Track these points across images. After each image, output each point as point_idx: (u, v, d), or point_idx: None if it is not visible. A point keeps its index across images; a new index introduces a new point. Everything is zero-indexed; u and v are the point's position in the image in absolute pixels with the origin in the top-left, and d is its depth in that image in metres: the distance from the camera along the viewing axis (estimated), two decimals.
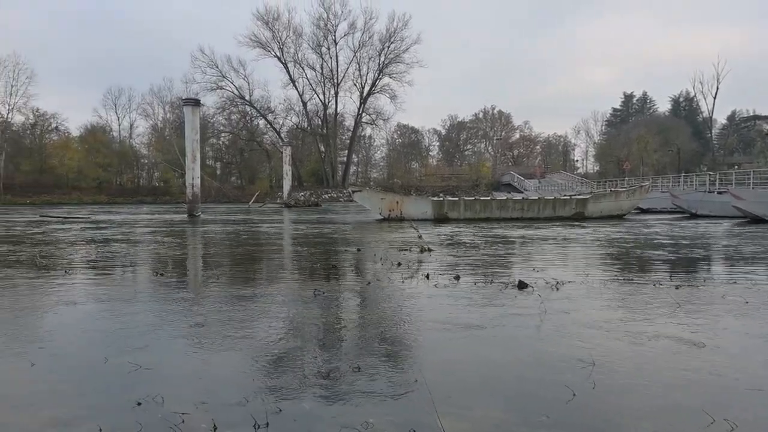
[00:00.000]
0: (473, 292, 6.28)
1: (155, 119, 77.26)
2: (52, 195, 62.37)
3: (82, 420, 2.83)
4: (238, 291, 6.65)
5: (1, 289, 6.85)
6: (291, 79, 71.27)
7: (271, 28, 68.47)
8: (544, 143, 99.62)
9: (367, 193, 25.34)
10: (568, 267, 8.73)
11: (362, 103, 72.49)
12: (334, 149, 74.24)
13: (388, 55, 69.96)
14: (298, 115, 76.20)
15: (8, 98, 68.84)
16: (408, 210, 22.81)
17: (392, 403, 3.05)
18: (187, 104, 29.50)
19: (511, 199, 25.45)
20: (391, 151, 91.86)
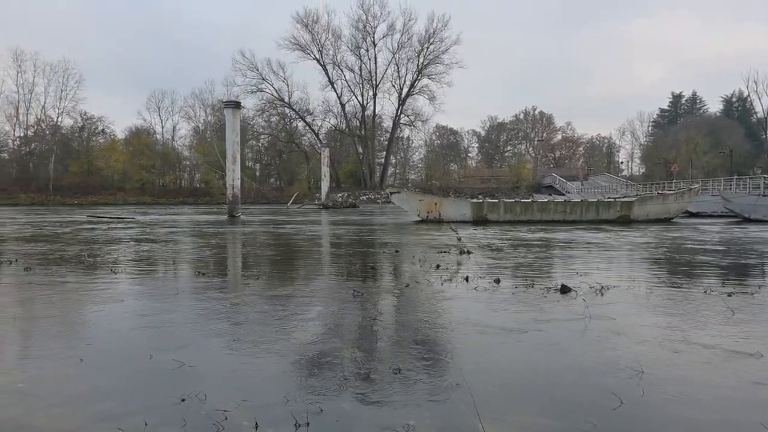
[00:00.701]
0: (514, 296, 6.20)
1: (197, 122, 79.33)
2: (98, 196, 64.62)
3: (129, 415, 2.91)
4: (277, 290, 6.74)
5: (51, 286, 7.14)
6: (330, 81, 72.04)
7: (311, 30, 69.41)
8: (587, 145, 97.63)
9: (405, 195, 25.30)
10: (613, 271, 8.52)
11: (400, 104, 72.63)
12: (372, 151, 74.54)
13: (427, 56, 69.92)
14: (337, 116, 76.95)
15: (58, 102, 71.96)
16: (446, 212, 22.68)
17: (433, 406, 3.04)
18: (228, 107, 30.11)
19: (553, 201, 25.03)
20: (430, 153, 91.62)
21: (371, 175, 72.77)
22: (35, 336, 4.68)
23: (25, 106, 70.50)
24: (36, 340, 4.56)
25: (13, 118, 70.46)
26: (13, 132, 71.58)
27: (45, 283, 7.39)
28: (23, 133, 71.92)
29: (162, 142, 78.20)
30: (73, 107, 72.93)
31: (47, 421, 2.86)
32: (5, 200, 60.98)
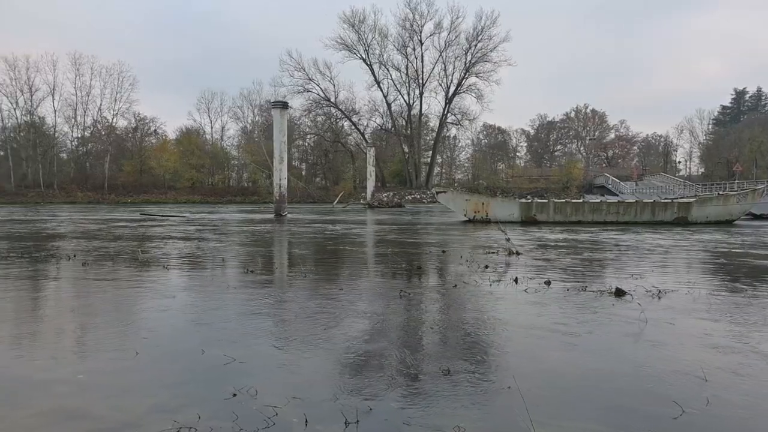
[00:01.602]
0: (566, 299, 6.07)
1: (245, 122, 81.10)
2: (150, 194, 66.93)
3: (183, 407, 3.01)
4: (324, 289, 6.82)
5: (107, 281, 7.44)
6: (376, 81, 72.23)
7: (357, 30, 69.74)
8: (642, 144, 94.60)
9: (452, 195, 25.12)
10: (670, 275, 8.22)
11: (447, 103, 72.14)
12: (418, 150, 74.41)
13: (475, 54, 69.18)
14: (383, 116, 77.08)
15: (113, 104, 74.96)
16: (494, 212, 22.42)
17: (483, 408, 3.01)
18: (275, 107, 30.62)
19: (606, 201, 24.36)
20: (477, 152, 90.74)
21: (417, 174, 72.62)
22: (93, 329, 4.88)
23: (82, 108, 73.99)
24: (93, 333, 4.75)
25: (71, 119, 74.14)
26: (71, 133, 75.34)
27: (101, 278, 7.71)
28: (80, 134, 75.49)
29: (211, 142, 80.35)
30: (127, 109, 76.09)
31: (107, 412, 2.98)
32: (64, 198, 64.05)
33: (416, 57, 71.44)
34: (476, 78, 70.29)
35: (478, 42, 68.59)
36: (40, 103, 72.05)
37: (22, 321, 5.27)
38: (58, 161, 73.34)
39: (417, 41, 70.65)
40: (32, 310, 5.81)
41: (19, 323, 5.17)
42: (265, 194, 63.25)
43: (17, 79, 69.81)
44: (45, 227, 19.66)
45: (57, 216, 29.25)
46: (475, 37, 68.45)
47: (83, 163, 75.14)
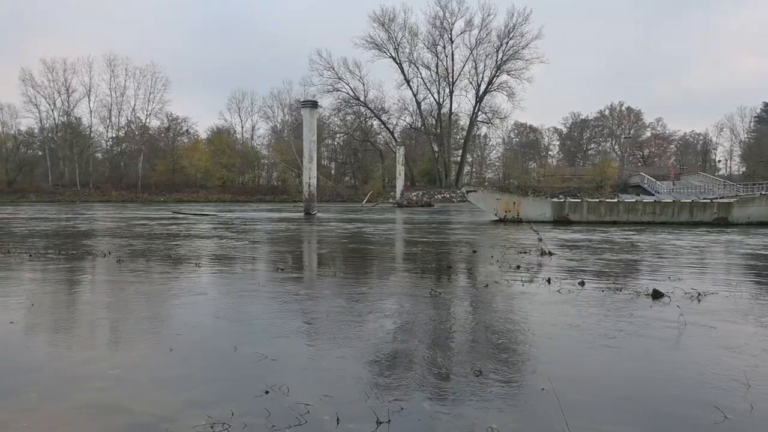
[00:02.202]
0: (600, 300, 5.96)
1: (275, 121, 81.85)
2: (182, 193, 68.16)
3: (217, 403, 3.05)
4: (353, 287, 6.84)
5: (141, 278, 7.60)
6: (405, 79, 72.09)
7: (387, 29, 69.70)
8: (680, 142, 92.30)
9: (482, 194, 24.94)
10: (709, 277, 8.01)
11: (478, 101, 71.58)
12: (447, 149, 74.07)
13: (507, 52, 68.43)
14: (412, 114, 76.90)
15: (147, 105, 76.54)
16: (525, 211, 22.17)
17: (516, 410, 2.98)
18: (305, 106, 30.86)
19: (641, 201, 23.85)
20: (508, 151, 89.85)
21: (447, 173, 72.27)
22: (128, 325, 5.00)
23: (117, 109, 75.76)
24: (128, 329, 4.87)
25: (106, 120, 76.01)
26: (106, 133, 77.24)
27: (135, 275, 7.89)
28: (115, 134, 77.33)
29: (241, 141, 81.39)
30: (160, 109, 77.68)
31: (142, 406, 3.05)
32: (99, 197, 65.73)
33: (446, 55, 71.10)
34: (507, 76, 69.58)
35: (509, 39, 67.88)
36: (76, 104, 74.11)
37: (60, 317, 5.42)
38: (93, 161, 75.28)
39: (447, 39, 70.30)
40: (70, 306, 5.97)
41: (58, 319, 5.32)
42: (294, 193, 63.79)
43: (55, 81, 71.92)
44: (81, 225, 20.21)
45: (92, 214, 30.04)
46: (506, 35, 67.77)
47: (117, 162, 76.98)
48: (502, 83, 70.32)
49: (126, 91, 76.03)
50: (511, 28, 67.49)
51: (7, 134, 73.24)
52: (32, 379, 3.45)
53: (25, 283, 7.26)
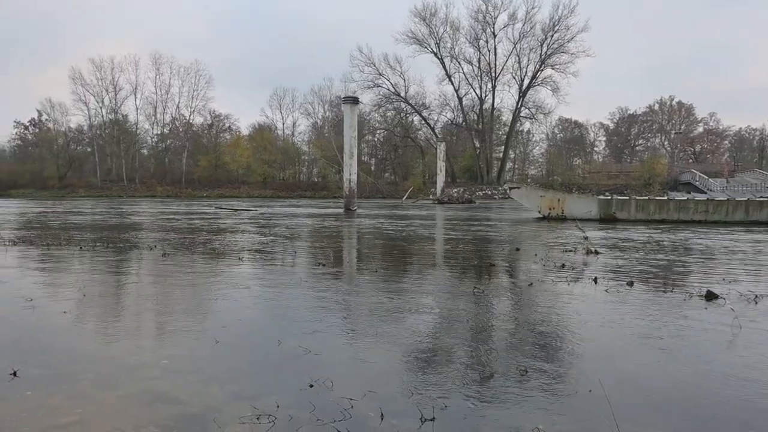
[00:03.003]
0: (650, 300, 5.81)
1: (315, 117, 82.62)
2: (224, 189, 69.63)
3: (262, 396, 3.11)
4: (395, 284, 6.85)
5: (186, 271, 7.80)
6: (447, 75, 71.62)
7: (428, 23, 69.33)
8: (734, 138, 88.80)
9: (525, 190, 24.59)
10: (766, 279, 7.69)
11: (521, 96, 70.50)
12: (489, 145, 73.26)
13: (551, 46, 67.08)
14: (453, 110, 76.36)
15: (191, 102, 78.46)
16: (570, 209, 21.76)
17: (563, 411, 2.93)
18: (346, 102, 31.04)
19: (693, 199, 23.07)
20: (551, 147, 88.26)
21: (488, 170, 71.51)
22: (174, 317, 5.14)
23: (162, 106, 77.96)
24: (175, 320, 5.01)
25: (151, 117, 78.31)
26: (151, 130, 79.60)
27: (180, 268, 8.10)
28: (160, 131, 79.53)
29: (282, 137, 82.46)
30: (204, 106, 79.61)
31: (189, 396, 3.13)
32: (145, 192, 67.77)
33: (489, 50, 70.25)
34: (552, 70, 68.22)
35: (554, 33, 66.53)
36: (123, 101, 76.54)
37: (110, 308, 5.62)
38: (139, 157, 77.62)
39: (490, 33, 69.45)
40: (118, 297, 6.18)
41: (108, 310, 5.52)
42: (334, 189, 64.30)
43: (103, 79, 74.44)
44: (128, 220, 20.88)
45: (138, 209, 30.98)
46: (551, 28, 66.45)
47: (162, 158, 79.16)
48: (547, 78, 69.05)
49: (171, 88, 78.10)
50: (556, 20, 66.15)
51: (58, 131, 76.20)
52: (85, 367, 3.59)
53: (76, 275, 7.55)
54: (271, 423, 2.73)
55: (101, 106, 75.79)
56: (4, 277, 7.22)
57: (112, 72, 74.82)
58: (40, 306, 5.44)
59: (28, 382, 3.30)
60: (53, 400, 3.04)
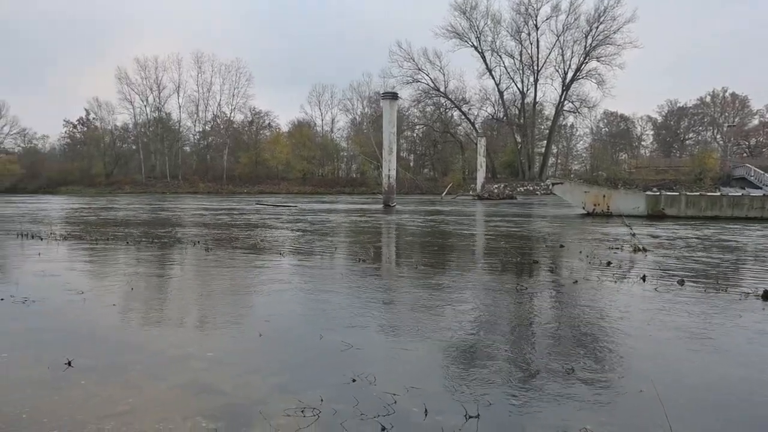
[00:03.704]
0: (702, 300, 5.63)
1: (354, 113, 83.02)
2: (264, 185, 70.74)
3: (306, 389, 3.16)
4: (436, 280, 6.84)
5: (229, 266, 7.97)
6: (487, 69, 70.84)
7: (469, 17, 68.69)
8: None
9: (569, 186, 24.13)
10: None
11: (564, 90, 69.17)
12: (531, 140, 72.19)
13: (596, 37, 65.52)
14: (494, 105, 75.54)
15: (231, 99, 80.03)
16: (616, 205, 21.25)
17: (612, 411, 2.87)
18: (385, 98, 31.07)
19: (748, 195, 22.23)
20: (596, 141, 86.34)
21: (530, 165, 70.48)
22: (219, 310, 5.26)
23: (203, 104, 79.78)
24: (220, 314, 5.12)
25: (193, 114, 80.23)
26: (193, 127, 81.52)
27: (223, 262, 8.28)
28: (202, 128, 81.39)
29: (321, 134, 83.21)
30: (244, 103, 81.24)
31: (234, 388, 3.20)
32: (187, 189, 69.45)
33: (531, 42, 69.14)
34: (597, 62, 66.63)
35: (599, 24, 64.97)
36: (166, 100, 78.63)
37: (156, 301, 5.79)
38: (182, 154, 79.55)
39: (532, 26, 68.36)
40: (164, 291, 6.36)
41: (155, 303, 5.69)
42: (373, 185, 64.50)
43: (147, 78, 76.61)
44: (172, 215, 21.43)
45: (181, 205, 31.77)
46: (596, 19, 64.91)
47: (204, 155, 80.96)
48: (591, 70, 67.51)
49: (212, 86, 79.79)
50: (601, 11, 64.56)
51: (104, 130, 78.85)
52: (135, 359, 3.71)
53: (123, 269, 7.80)
54: (315, 416, 2.77)
55: (145, 105, 78.04)
56: (56, 270, 7.51)
57: (155, 71, 76.93)
58: (90, 299, 5.65)
59: (82, 371, 3.43)
60: (105, 390, 3.15)
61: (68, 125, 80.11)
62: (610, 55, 65.46)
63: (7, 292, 5.86)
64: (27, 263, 8.26)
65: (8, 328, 4.51)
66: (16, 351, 3.86)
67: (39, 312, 5.08)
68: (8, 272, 7.65)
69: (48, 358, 3.67)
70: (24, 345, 4.04)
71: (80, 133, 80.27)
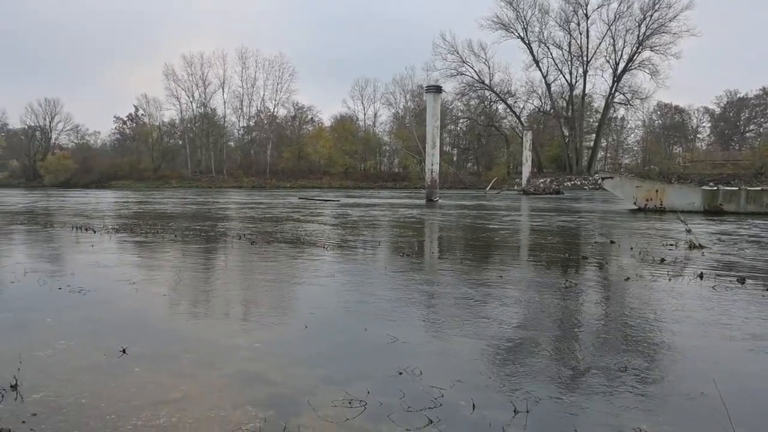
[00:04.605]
0: (765, 301, 5.41)
1: (396, 107, 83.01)
2: (307, 179, 71.62)
3: (352, 381, 3.20)
4: (481, 275, 6.80)
5: (273, 259, 8.11)
6: (534, 60, 69.64)
7: (515, 7, 67.62)
8: None
9: (619, 180, 23.51)
10: None
11: (615, 81, 67.35)
12: (579, 133, 70.65)
13: (650, 26, 63.46)
14: (541, 97, 74.24)
15: (275, 94, 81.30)
16: (670, 200, 20.60)
17: (670, 412, 2.81)
18: (429, 91, 30.96)
19: None
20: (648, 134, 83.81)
21: (578, 159, 68.99)
22: (264, 302, 5.38)
23: (247, 99, 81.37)
24: (265, 305, 5.24)
25: (238, 110, 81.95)
26: (238, 122, 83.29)
27: (268, 256, 8.44)
28: (246, 124, 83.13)
29: (364, 128, 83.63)
30: (287, 98, 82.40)
31: (282, 378, 3.27)
32: (231, 183, 71.03)
33: (580, 32, 67.56)
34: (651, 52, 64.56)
35: (654, 11, 62.91)
36: (212, 95, 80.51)
37: (204, 292, 5.96)
38: (226, 149, 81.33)
39: (582, 15, 66.79)
40: (211, 283, 6.53)
41: (203, 295, 5.86)
42: (415, 179, 64.45)
43: (193, 75, 78.57)
44: (217, 209, 21.95)
45: (226, 199, 32.49)
46: (651, 6, 62.86)
47: (248, 150, 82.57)
48: (644, 60, 65.50)
49: (256, 82, 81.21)
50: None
51: (152, 125, 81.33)
52: (185, 348, 3.83)
53: (172, 260, 8.05)
54: (363, 408, 2.81)
55: (191, 101, 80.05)
56: (108, 261, 7.82)
57: (201, 67, 78.81)
58: (141, 289, 5.86)
59: (136, 359, 3.57)
60: (158, 377, 3.27)
61: (118, 121, 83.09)
62: (665, 45, 63.38)
63: (64, 282, 6.14)
64: (81, 255, 8.62)
65: (67, 317, 4.72)
66: (75, 339, 4.04)
67: (94, 301, 5.30)
68: (65, 263, 8.00)
69: (104, 345, 3.83)
70: (81, 333, 4.22)
71: (129, 128, 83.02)
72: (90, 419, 2.69)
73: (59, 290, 5.76)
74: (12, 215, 18.18)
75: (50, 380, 3.19)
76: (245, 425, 2.61)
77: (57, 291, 5.73)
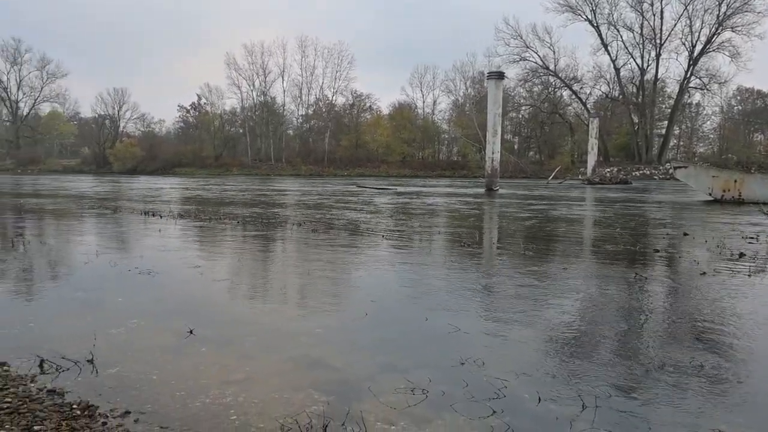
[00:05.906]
0: None
1: (456, 95, 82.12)
2: (364, 168, 72.01)
3: (413, 369, 3.21)
4: (545, 267, 6.67)
5: (334, 247, 8.22)
6: (603, 44, 67.15)
7: None
8: None
9: (693, 170, 22.49)
10: None
11: (692, 64, 64.10)
12: (650, 120, 67.81)
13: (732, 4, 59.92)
14: (609, 83, 71.58)
15: (333, 83, 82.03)
16: (750, 191, 19.53)
17: (751, 414, 2.68)
18: (491, 78, 30.45)
19: None
20: (726, 121, 79.62)
21: (648, 147, 66.23)
22: (325, 289, 5.47)
23: (306, 87, 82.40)
24: (326, 292, 5.33)
25: (297, 98, 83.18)
26: (296, 111, 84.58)
27: (328, 243, 8.55)
28: (305, 112, 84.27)
29: (422, 116, 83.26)
30: (346, 86, 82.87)
31: (343, 364, 3.33)
32: (290, 171, 72.32)
33: (654, 14, 64.58)
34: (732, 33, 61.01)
35: None
36: (271, 84, 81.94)
37: (265, 278, 6.12)
38: (285, 137, 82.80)
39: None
40: (272, 269, 6.70)
41: (264, 280, 6.02)
42: (474, 168, 63.73)
43: (254, 64, 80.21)
44: (278, 196, 22.42)
45: (286, 186, 33.12)
46: None
47: (306, 138, 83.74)
48: (724, 42, 61.94)
49: (315, 70, 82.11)
50: None
51: (214, 114, 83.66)
52: (248, 331, 3.95)
53: (233, 246, 8.29)
54: (425, 396, 2.82)
55: (252, 89, 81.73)
56: (174, 246, 8.13)
57: (261, 56, 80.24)
58: (205, 272, 6.07)
59: (202, 340, 3.71)
60: (223, 358, 3.39)
61: (182, 110, 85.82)
62: (748, 24, 59.64)
63: (134, 265, 6.44)
64: (149, 239, 9.00)
65: (137, 298, 4.96)
66: (145, 318, 4.23)
67: (162, 284, 5.54)
68: (134, 247, 8.39)
69: (172, 326, 4.00)
70: (151, 313, 4.43)
71: (192, 117, 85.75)
72: (160, 395, 2.82)
73: (128, 272, 6.05)
74: (86, 200, 19.17)
75: (123, 356, 3.37)
76: (308, 408, 2.67)
77: (127, 273, 6.02)
